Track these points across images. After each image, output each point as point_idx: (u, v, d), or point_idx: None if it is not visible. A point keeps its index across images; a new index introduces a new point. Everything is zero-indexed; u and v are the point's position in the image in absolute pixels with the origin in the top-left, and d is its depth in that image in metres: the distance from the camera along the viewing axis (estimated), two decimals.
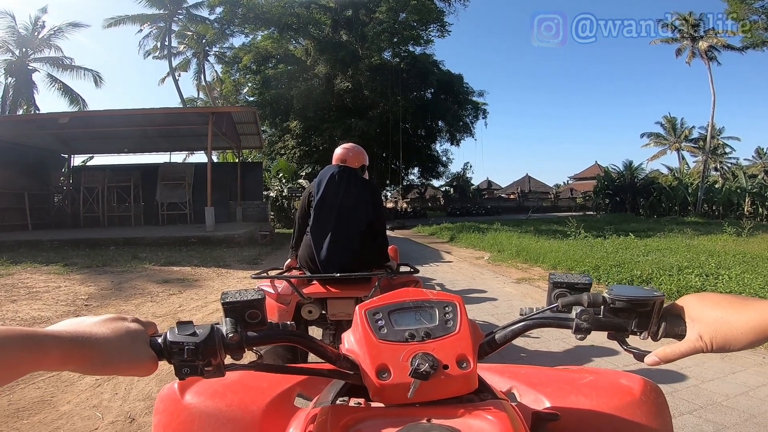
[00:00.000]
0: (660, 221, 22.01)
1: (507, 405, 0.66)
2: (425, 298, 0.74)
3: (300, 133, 25.64)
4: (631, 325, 0.64)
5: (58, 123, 12.04)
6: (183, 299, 5.52)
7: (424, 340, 0.67)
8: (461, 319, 0.70)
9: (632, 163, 32.50)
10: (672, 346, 0.62)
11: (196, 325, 0.61)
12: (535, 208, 36.50)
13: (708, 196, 27.65)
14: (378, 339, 0.67)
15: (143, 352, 0.58)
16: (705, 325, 0.59)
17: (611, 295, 0.64)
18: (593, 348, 3.41)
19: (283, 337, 0.67)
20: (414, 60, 26.77)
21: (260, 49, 26.32)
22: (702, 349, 0.59)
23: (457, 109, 27.73)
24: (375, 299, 0.75)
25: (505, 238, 12.46)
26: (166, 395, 0.85)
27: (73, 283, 6.26)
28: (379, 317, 0.70)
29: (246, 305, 0.64)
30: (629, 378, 0.87)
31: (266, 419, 0.81)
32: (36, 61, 23.18)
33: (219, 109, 15.73)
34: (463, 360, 0.65)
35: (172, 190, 16.54)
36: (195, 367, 0.59)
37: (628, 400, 0.80)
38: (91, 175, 16.92)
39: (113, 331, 0.56)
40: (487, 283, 6.55)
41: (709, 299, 0.61)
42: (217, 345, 0.60)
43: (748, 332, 0.56)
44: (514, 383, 0.91)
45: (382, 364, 0.64)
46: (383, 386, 0.63)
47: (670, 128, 41.16)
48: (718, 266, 6.94)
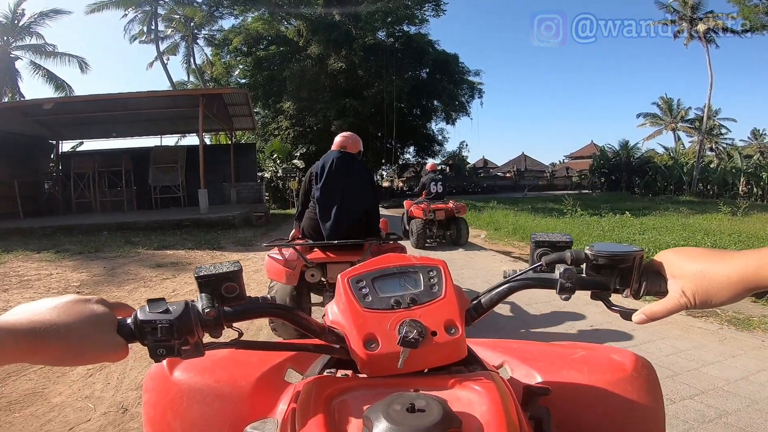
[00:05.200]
0: (655, 200, 22.18)
1: (495, 376, 0.64)
2: (409, 263, 0.72)
3: (293, 114, 25.35)
4: (613, 283, 0.64)
5: (42, 109, 11.76)
6: (177, 283, 5.45)
7: (411, 307, 0.65)
8: (446, 284, 0.68)
9: (628, 143, 32.62)
10: (658, 303, 0.60)
11: (169, 301, 0.56)
12: (531, 186, 36.53)
13: (703, 175, 27.81)
14: (363, 308, 0.65)
15: (110, 338, 0.53)
16: (686, 280, 0.58)
17: (592, 251, 0.63)
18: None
19: (263, 310, 0.64)
20: (409, 39, 26.31)
21: (251, 30, 25.74)
22: (686, 305, 0.58)
23: (453, 89, 27.33)
24: (358, 266, 0.73)
25: (502, 216, 12.46)
26: (155, 372, 0.84)
27: (65, 270, 6.17)
28: (363, 285, 0.68)
29: (222, 278, 0.60)
30: (621, 354, 0.86)
31: (256, 394, 0.80)
32: (18, 49, 22.72)
33: (209, 91, 15.26)
34: (451, 326, 0.63)
35: (164, 173, 16.28)
36: (171, 347, 0.55)
37: (620, 376, 0.80)
38: (80, 160, 16.58)
39: (75, 317, 0.50)
40: (485, 263, 6.51)
41: (687, 253, 0.60)
42: (193, 322, 0.56)
43: (730, 285, 0.54)
44: (507, 358, 0.91)
45: (369, 334, 0.62)
46: (371, 357, 0.61)
47: (666, 109, 41.05)
48: (713, 245, 6.96)
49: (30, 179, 15.33)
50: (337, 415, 0.57)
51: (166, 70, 28.68)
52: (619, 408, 0.77)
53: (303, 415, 0.56)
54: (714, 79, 26.48)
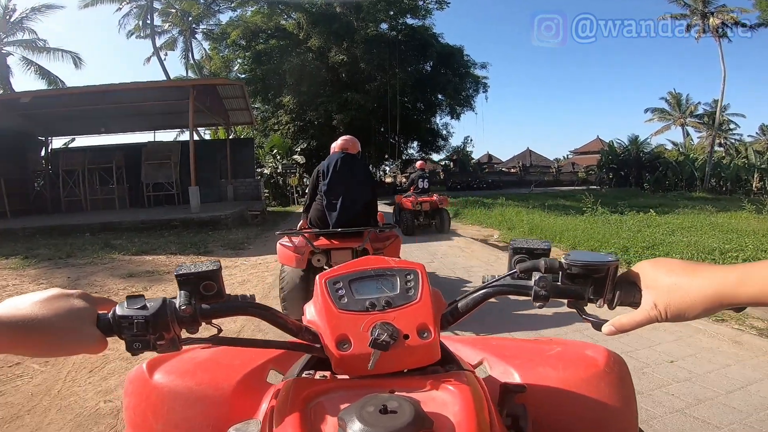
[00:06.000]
0: (667, 196, 21.43)
1: (470, 376, 0.64)
2: (387, 266, 0.72)
3: (294, 108, 24.68)
4: (587, 292, 0.62)
5: (20, 103, 11.07)
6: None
7: (385, 310, 0.65)
8: (422, 288, 0.68)
9: (638, 138, 31.75)
10: (628, 315, 0.59)
11: (147, 298, 0.58)
12: (537, 182, 35.61)
13: (715, 171, 27.01)
14: (338, 309, 0.65)
15: (89, 331, 0.55)
16: (659, 292, 0.56)
17: (567, 260, 0.61)
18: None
19: (239, 308, 0.65)
20: (412, 31, 25.53)
21: (249, 24, 25.03)
22: (657, 318, 0.56)
23: (459, 82, 26.49)
24: (336, 268, 0.73)
25: (514, 214, 11.73)
26: (134, 376, 0.82)
27: (23, 281, 5.46)
28: (340, 286, 0.68)
29: (200, 277, 0.61)
30: (594, 349, 0.87)
31: (238, 396, 0.79)
32: (9, 45, 22.09)
33: (200, 82, 14.24)
34: (424, 330, 0.63)
35: (157, 170, 15.59)
36: (147, 341, 0.57)
37: (593, 372, 0.81)
38: (70, 157, 15.88)
39: (55, 311, 0.53)
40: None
41: (663, 265, 0.58)
42: (169, 318, 0.58)
43: (705, 299, 0.52)
44: (486, 355, 0.92)
45: (342, 335, 0.62)
46: (343, 357, 0.61)
47: (675, 104, 40.90)
48: (756, 249, 6.22)
49: (18, 177, 14.67)
50: (314, 416, 0.56)
51: (162, 66, 28.21)
52: (592, 403, 0.77)
53: (280, 416, 0.56)
54: (727, 75, 25.78)
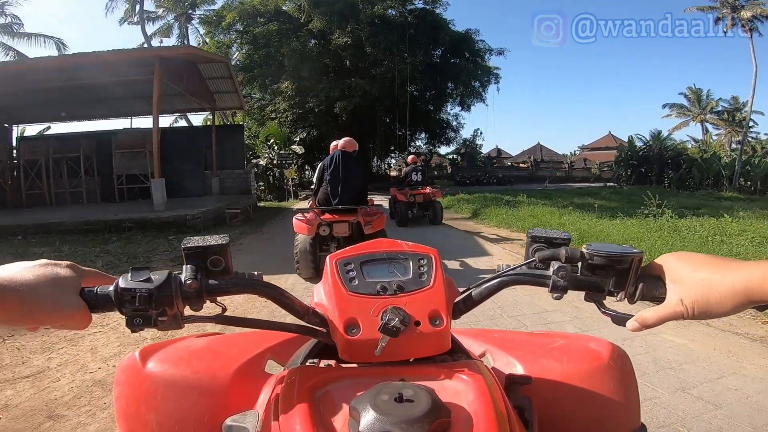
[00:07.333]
0: (695, 195, 19.44)
1: (482, 365, 0.63)
2: (400, 249, 0.70)
3: (293, 94, 22.72)
4: (608, 285, 0.60)
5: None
6: None
7: (396, 294, 0.62)
8: (436, 273, 0.66)
9: (660, 133, 29.53)
10: (652, 310, 0.56)
11: (152, 271, 0.56)
12: (551, 178, 33.48)
13: (743, 169, 25.02)
14: (348, 291, 0.63)
15: (70, 301, 0.52)
16: (686, 288, 0.53)
17: (589, 250, 0.59)
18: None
19: (247, 286, 0.62)
20: (423, 13, 23.48)
21: (247, 6, 23.04)
22: (683, 315, 0.53)
23: (473, 69, 24.40)
24: (347, 249, 0.70)
25: (546, 215, 9.84)
26: (126, 365, 0.79)
27: None
28: (351, 268, 0.66)
29: (208, 251, 0.59)
30: (598, 343, 0.86)
31: (235, 386, 0.76)
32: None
33: (167, 52, 10.73)
34: (436, 317, 0.61)
35: (130, 160, 13.74)
36: (148, 317, 0.54)
37: (596, 365, 0.80)
38: (31, 146, 14.03)
39: (38, 277, 0.50)
40: (577, 306, 3.86)
41: (691, 259, 0.55)
42: (173, 293, 0.55)
43: (733, 296, 0.50)
44: (488, 347, 0.91)
45: (351, 318, 0.60)
46: (351, 342, 0.59)
47: (694, 99, 39.19)
48: None
49: None
50: (322, 405, 0.54)
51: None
52: (596, 396, 0.77)
53: (286, 406, 0.54)
54: (742, 70, 24.33)
